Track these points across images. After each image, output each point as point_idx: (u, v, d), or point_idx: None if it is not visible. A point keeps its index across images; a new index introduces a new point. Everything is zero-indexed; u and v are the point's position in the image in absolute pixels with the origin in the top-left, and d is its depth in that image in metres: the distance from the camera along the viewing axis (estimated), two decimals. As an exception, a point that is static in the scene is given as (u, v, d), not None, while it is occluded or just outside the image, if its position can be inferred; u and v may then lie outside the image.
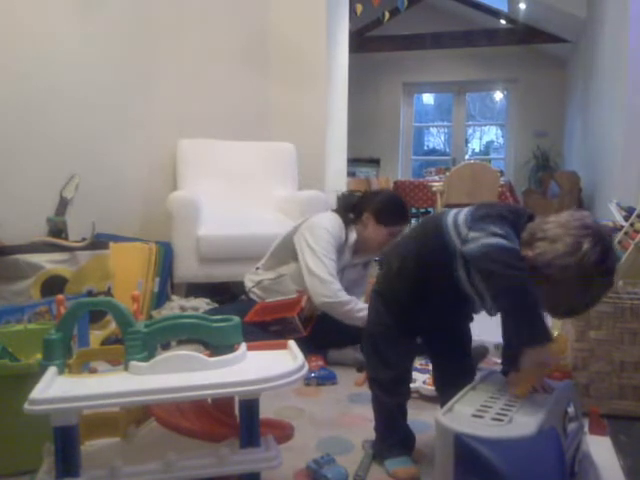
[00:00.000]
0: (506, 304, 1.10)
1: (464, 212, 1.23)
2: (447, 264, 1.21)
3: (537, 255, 1.07)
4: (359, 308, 2.05)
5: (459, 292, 1.23)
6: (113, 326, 2.19)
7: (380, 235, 2.20)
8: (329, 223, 2.22)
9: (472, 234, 1.14)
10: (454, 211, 1.26)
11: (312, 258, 2.13)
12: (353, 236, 2.25)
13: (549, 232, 1.08)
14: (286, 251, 2.30)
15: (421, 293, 1.28)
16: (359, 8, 5.52)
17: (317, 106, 3.83)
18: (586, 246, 1.04)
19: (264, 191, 3.37)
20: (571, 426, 1.16)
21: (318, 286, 2.09)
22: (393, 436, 1.34)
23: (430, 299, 1.29)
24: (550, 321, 2.14)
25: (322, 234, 2.17)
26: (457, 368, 1.37)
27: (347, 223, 2.27)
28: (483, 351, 2.03)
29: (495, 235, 1.10)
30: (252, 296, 2.35)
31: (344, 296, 2.08)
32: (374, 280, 1.45)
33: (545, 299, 1.09)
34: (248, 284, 2.39)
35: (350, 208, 2.29)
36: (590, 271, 1.05)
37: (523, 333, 1.09)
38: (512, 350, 1.25)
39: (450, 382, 1.29)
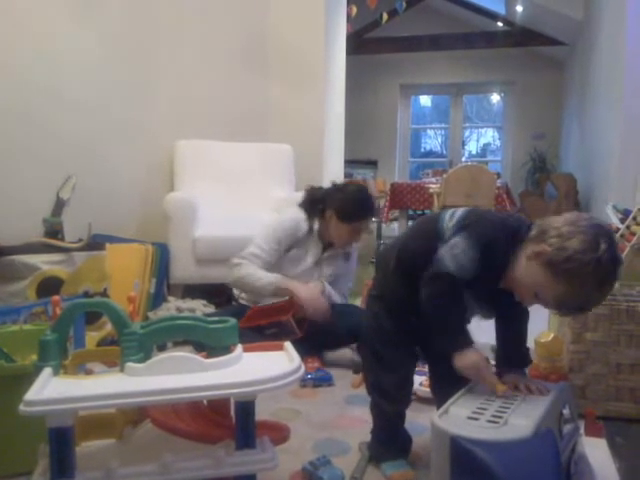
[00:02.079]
0: (430, 312, 1.18)
1: (458, 214, 1.24)
2: None
3: (555, 250, 1.08)
4: (261, 277, 2.18)
5: None
6: (109, 327, 2.19)
7: (342, 232, 2.24)
8: (279, 221, 2.30)
9: (452, 239, 1.19)
10: (450, 211, 1.27)
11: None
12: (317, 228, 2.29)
13: (562, 229, 1.10)
14: None
15: (417, 291, 1.29)
16: (353, 10, 5.54)
17: (315, 107, 3.83)
18: (603, 245, 1.06)
19: (261, 192, 3.36)
20: (567, 428, 1.16)
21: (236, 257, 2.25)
22: (390, 440, 1.34)
23: None
24: (547, 323, 2.14)
25: (266, 230, 2.28)
26: (453, 371, 1.37)
27: (312, 216, 2.29)
28: None
29: (458, 249, 1.15)
30: (242, 302, 2.36)
31: (250, 267, 2.20)
32: (369, 282, 1.45)
33: (557, 295, 1.10)
34: (235, 291, 2.41)
35: (316, 202, 2.30)
36: (607, 267, 1.07)
37: (443, 340, 1.19)
38: (502, 351, 1.28)
39: (446, 385, 1.29)
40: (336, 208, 2.22)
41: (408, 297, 1.31)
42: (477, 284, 1.17)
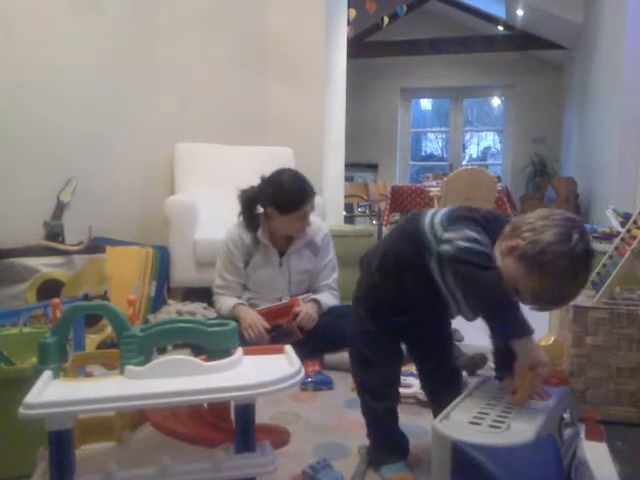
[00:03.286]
0: (482, 303, 1.12)
1: (441, 213, 1.24)
2: (425, 264, 1.21)
3: (529, 244, 1.08)
4: (225, 306, 2.22)
5: (438, 293, 1.23)
6: (109, 330, 2.19)
7: (291, 222, 2.19)
8: (224, 244, 2.29)
9: (446, 235, 1.16)
10: (432, 211, 1.27)
11: None
12: (261, 231, 2.26)
13: (535, 224, 1.10)
14: None
15: (400, 291, 1.29)
16: (352, 14, 5.54)
17: (315, 110, 3.83)
18: (576, 236, 1.07)
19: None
20: (567, 432, 1.15)
21: None
22: (387, 442, 1.34)
23: (410, 298, 1.29)
24: (548, 327, 2.14)
25: (219, 258, 2.31)
26: (441, 374, 1.37)
27: (253, 221, 2.25)
28: (480, 360, 2.01)
29: (467, 239, 1.11)
30: None
31: (219, 298, 2.28)
32: None
33: (533, 289, 1.10)
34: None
35: (253, 203, 2.24)
36: (580, 259, 1.07)
37: (506, 329, 1.10)
38: (501, 354, 1.26)
39: (437, 388, 1.31)
40: (275, 204, 2.15)
41: (391, 297, 1.31)
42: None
